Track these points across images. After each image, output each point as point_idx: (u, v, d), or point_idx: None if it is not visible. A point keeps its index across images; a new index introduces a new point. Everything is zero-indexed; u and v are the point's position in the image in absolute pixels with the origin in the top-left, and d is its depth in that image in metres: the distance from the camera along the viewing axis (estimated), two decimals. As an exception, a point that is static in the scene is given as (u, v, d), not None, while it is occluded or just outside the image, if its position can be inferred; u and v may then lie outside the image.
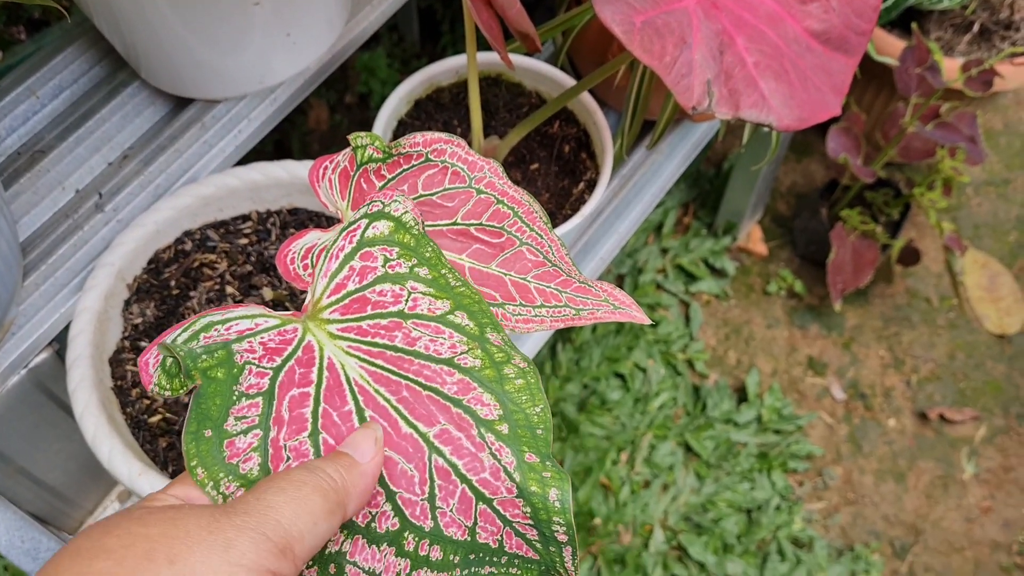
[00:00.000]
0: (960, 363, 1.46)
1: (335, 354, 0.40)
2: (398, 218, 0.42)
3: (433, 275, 0.41)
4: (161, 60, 0.73)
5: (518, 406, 0.39)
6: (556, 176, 0.84)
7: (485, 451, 0.39)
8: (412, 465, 0.39)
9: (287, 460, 0.37)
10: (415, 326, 0.40)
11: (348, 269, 0.41)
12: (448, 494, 0.39)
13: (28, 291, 0.68)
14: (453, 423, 0.39)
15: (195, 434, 0.37)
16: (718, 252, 1.52)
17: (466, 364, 0.40)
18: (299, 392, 0.39)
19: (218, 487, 0.36)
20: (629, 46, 0.58)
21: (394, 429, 0.39)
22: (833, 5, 0.70)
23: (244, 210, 0.75)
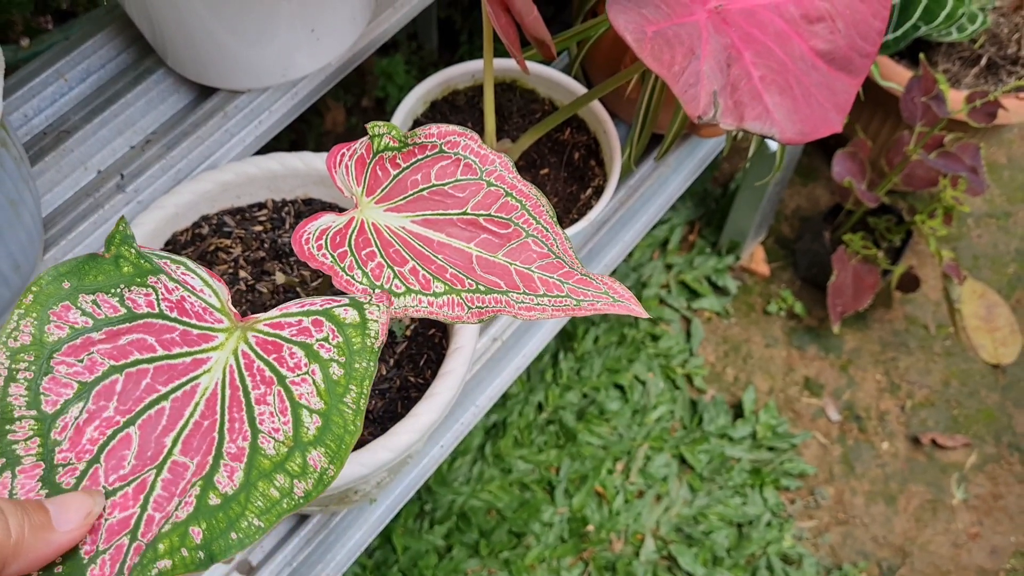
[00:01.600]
0: (954, 390, 1.48)
1: (218, 360, 0.43)
2: (367, 320, 0.45)
3: (341, 380, 0.43)
4: (188, 49, 0.75)
5: (248, 502, 0.40)
6: (565, 181, 0.86)
7: (179, 498, 0.40)
8: (134, 462, 0.40)
9: (79, 360, 0.40)
10: (277, 395, 0.42)
11: (297, 320, 0.45)
12: (121, 506, 0.40)
13: (47, 264, 0.70)
14: (196, 467, 0.41)
15: (59, 275, 0.41)
16: (721, 270, 1.54)
17: (262, 445, 0.41)
18: (152, 341, 0.42)
19: (22, 318, 0.39)
20: (640, 54, 0.60)
21: (163, 432, 0.41)
22: (839, 27, 0.73)
23: (261, 198, 0.77)
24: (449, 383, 0.67)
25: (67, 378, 0.40)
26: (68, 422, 0.40)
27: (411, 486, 0.86)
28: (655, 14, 0.64)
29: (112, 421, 0.40)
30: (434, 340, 0.74)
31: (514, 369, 0.89)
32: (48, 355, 0.40)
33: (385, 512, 0.85)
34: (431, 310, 0.50)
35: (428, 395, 0.66)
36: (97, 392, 0.40)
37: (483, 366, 0.89)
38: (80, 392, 0.40)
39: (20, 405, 0.39)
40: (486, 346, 0.89)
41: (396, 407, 0.71)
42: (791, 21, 0.71)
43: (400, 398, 0.71)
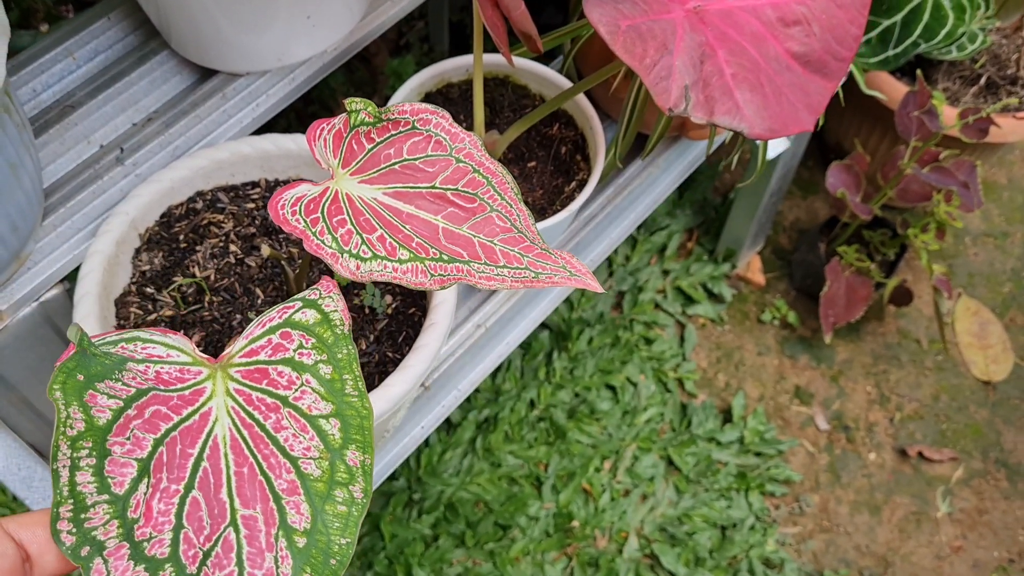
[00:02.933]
0: (944, 405, 1.49)
1: (218, 407, 0.43)
2: (327, 313, 0.46)
3: (333, 376, 0.44)
4: (190, 32, 0.79)
5: (327, 529, 0.41)
6: (551, 175, 0.89)
7: (272, 552, 0.41)
8: (210, 521, 0.41)
9: (127, 438, 0.41)
10: (289, 415, 0.43)
11: (266, 340, 0.45)
12: (219, 566, 0.41)
13: (46, 230, 0.74)
14: (265, 514, 0.42)
15: (70, 370, 0.40)
16: (717, 278, 1.56)
17: (306, 470, 0.42)
18: (165, 410, 0.42)
19: (68, 407, 0.39)
20: (612, 46, 0.63)
21: (215, 489, 0.42)
22: (815, 31, 0.75)
23: (254, 177, 0.80)
24: (422, 356, 0.69)
25: (124, 458, 0.41)
26: (139, 499, 0.41)
27: (391, 464, 0.88)
28: (631, 10, 0.67)
29: (171, 491, 0.41)
30: (414, 319, 0.77)
31: (496, 356, 0.92)
32: (103, 439, 0.40)
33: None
34: (395, 275, 0.53)
35: (401, 367, 0.69)
36: (153, 466, 0.41)
37: (466, 351, 0.92)
38: (141, 469, 0.41)
39: (91, 492, 0.40)
40: (470, 332, 0.92)
41: (374, 380, 0.74)
42: (767, 23, 0.74)
43: (378, 372, 0.74)
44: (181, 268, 0.77)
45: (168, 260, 0.77)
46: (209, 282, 0.76)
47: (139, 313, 0.75)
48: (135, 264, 0.76)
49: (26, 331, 0.74)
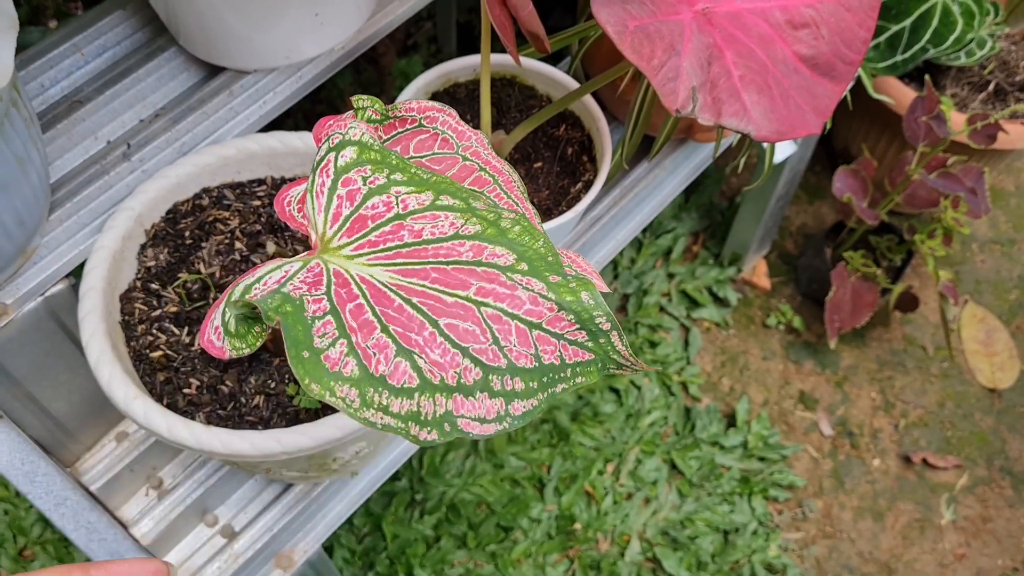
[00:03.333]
0: (949, 412, 1.49)
1: (361, 271, 0.46)
2: (359, 140, 0.48)
3: (407, 176, 0.47)
4: (198, 29, 0.79)
5: (525, 246, 0.46)
6: (557, 175, 0.89)
7: (519, 288, 0.45)
8: (469, 323, 0.44)
9: (375, 355, 0.43)
10: (415, 221, 0.46)
11: (336, 199, 0.47)
12: (506, 333, 0.44)
13: (52, 225, 0.74)
14: (483, 279, 0.45)
15: (297, 358, 0.42)
16: (722, 282, 1.56)
17: (469, 232, 0.46)
18: (354, 305, 0.44)
19: (334, 393, 0.42)
20: (620, 46, 0.63)
21: (440, 303, 0.45)
22: (823, 34, 0.75)
23: (261, 174, 0.80)
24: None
25: (390, 365, 0.43)
26: (429, 370, 0.44)
27: (394, 463, 0.88)
28: (640, 11, 0.67)
29: (428, 337, 0.44)
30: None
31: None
32: (369, 376, 0.43)
33: (367, 487, 0.87)
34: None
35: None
36: (405, 343, 0.44)
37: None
38: (405, 354, 0.44)
39: (410, 405, 0.43)
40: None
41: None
42: (776, 25, 0.74)
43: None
44: (186, 264, 0.77)
45: (173, 256, 0.77)
46: (214, 279, 0.76)
47: (144, 309, 0.75)
48: (140, 260, 0.76)
49: (31, 325, 0.74)
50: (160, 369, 0.73)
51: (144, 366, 0.73)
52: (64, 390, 0.82)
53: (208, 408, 0.72)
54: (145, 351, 0.73)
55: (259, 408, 0.72)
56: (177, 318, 0.75)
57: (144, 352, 0.73)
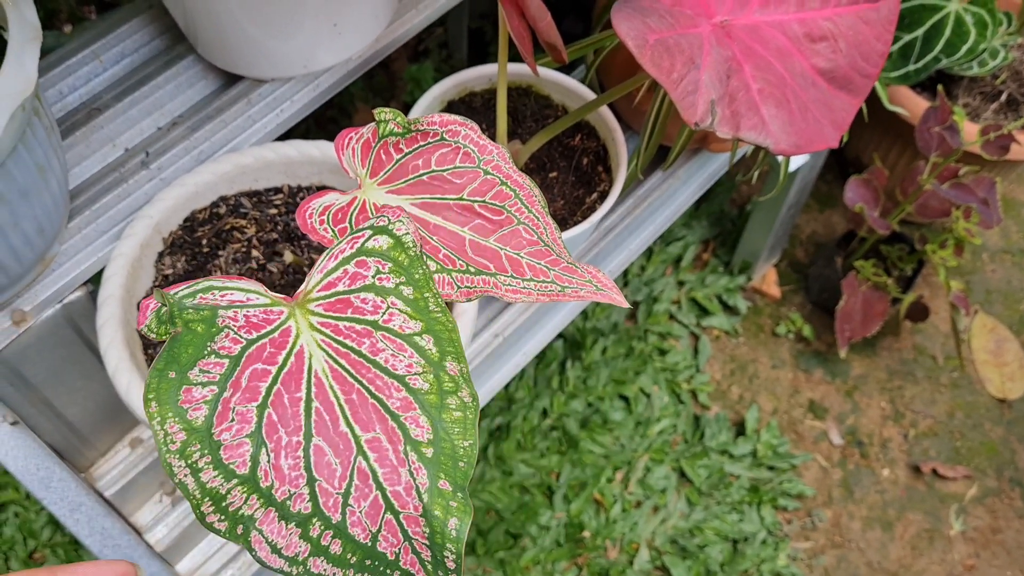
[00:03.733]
0: (958, 422, 1.49)
1: (308, 343, 0.44)
2: (399, 237, 0.46)
3: (416, 296, 0.45)
4: (217, 38, 0.79)
5: (449, 435, 0.43)
6: (572, 185, 0.89)
7: (405, 467, 0.42)
8: (338, 460, 0.42)
9: (230, 421, 0.41)
10: (383, 338, 0.44)
11: (342, 271, 0.45)
12: (362, 496, 0.42)
13: (71, 232, 0.74)
14: (386, 434, 0.42)
15: (160, 372, 0.40)
16: (732, 290, 1.56)
17: (415, 385, 0.43)
18: (262, 367, 0.42)
19: (163, 424, 0.40)
20: (640, 60, 0.63)
21: (333, 425, 0.42)
22: (841, 47, 0.75)
23: (277, 183, 0.81)
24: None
25: (235, 440, 0.41)
26: (265, 468, 0.41)
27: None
28: (659, 24, 0.67)
29: (294, 444, 0.42)
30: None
31: (514, 366, 0.92)
32: (208, 436, 0.41)
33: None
34: (422, 286, 0.53)
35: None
36: (266, 433, 0.42)
37: (484, 360, 0.92)
38: (256, 442, 0.42)
39: (220, 484, 0.41)
40: (487, 341, 0.92)
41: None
42: (794, 39, 0.74)
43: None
44: (204, 272, 0.77)
45: (191, 264, 0.77)
46: (231, 287, 0.76)
47: (161, 317, 0.75)
48: (158, 268, 0.76)
49: (49, 332, 0.74)
50: (177, 377, 0.73)
51: (161, 374, 0.73)
52: (79, 396, 0.82)
53: (224, 416, 0.72)
54: (162, 359, 0.73)
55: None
56: (194, 326, 0.75)
57: (161, 360, 0.73)
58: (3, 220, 0.63)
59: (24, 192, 0.64)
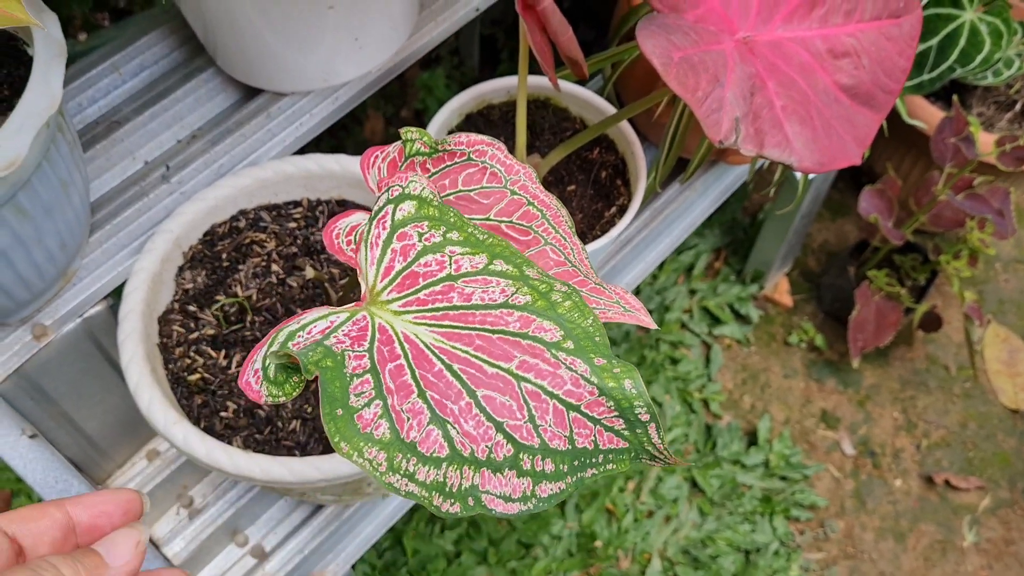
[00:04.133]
0: (971, 432, 1.48)
1: (406, 328, 0.45)
2: (419, 195, 0.48)
3: (463, 236, 0.46)
4: (237, 51, 0.79)
5: (574, 323, 0.45)
6: (591, 199, 0.89)
7: (562, 367, 0.44)
8: (507, 397, 0.44)
9: (407, 420, 0.42)
10: (466, 284, 0.45)
11: (391, 252, 0.46)
12: (543, 412, 0.44)
13: (92, 247, 0.74)
14: (527, 353, 0.44)
15: (331, 415, 0.42)
16: (744, 299, 1.56)
17: (519, 302, 0.45)
18: (394, 365, 0.44)
19: (362, 455, 0.41)
20: (665, 78, 0.63)
21: (481, 372, 0.44)
22: (864, 63, 0.75)
23: (296, 196, 0.81)
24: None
25: (423, 432, 0.43)
26: (460, 441, 0.43)
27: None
28: (683, 41, 0.66)
29: (465, 407, 0.44)
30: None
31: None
32: (400, 441, 0.42)
33: (396, 508, 0.87)
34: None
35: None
36: (441, 412, 0.43)
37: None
38: (439, 424, 0.43)
39: (435, 474, 0.42)
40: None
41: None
42: (817, 55, 0.74)
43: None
44: (223, 287, 0.77)
45: (211, 279, 0.77)
46: (251, 302, 0.76)
47: (181, 331, 0.75)
48: (178, 282, 0.76)
49: (69, 346, 0.74)
50: (197, 392, 0.73)
51: (182, 389, 0.73)
52: (98, 409, 0.82)
53: (245, 432, 0.72)
54: (183, 374, 0.73)
55: (296, 432, 0.72)
56: (214, 341, 0.75)
57: (182, 375, 0.73)
58: (27, 236, 0.63)
59: (48, 208, 0.64)
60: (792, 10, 0.74)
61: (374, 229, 0.47)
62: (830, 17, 0.75)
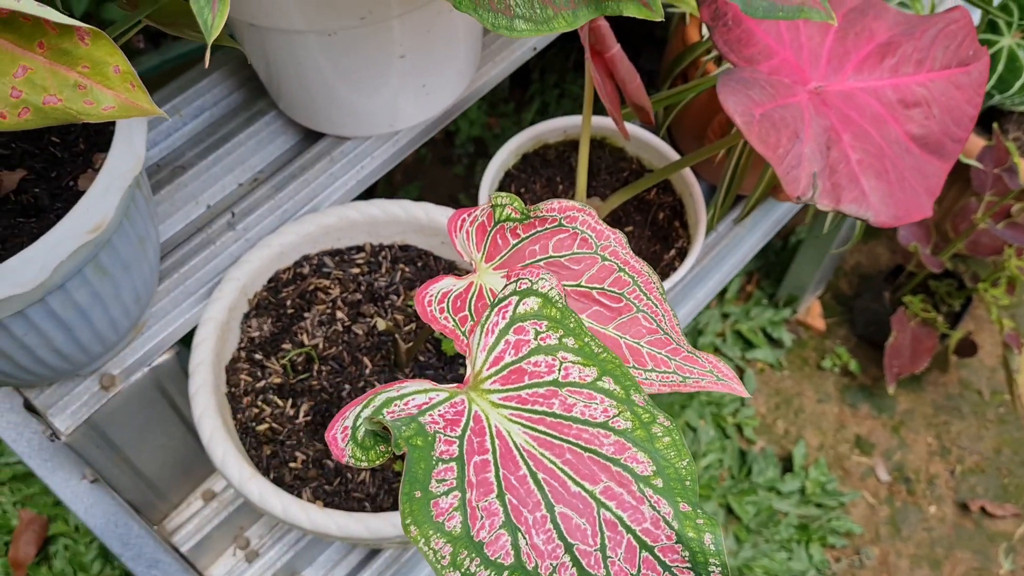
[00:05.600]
0: (1006, 459, 1.48)
1: (500, 422, 0.44)
2: (545, 294, 0.47)
3: (579, 344, 0.46)
4: (301, 96, 0.79)
5: (668, 461, 0.44)
6: (649, 240, 0.89)
7: (645, 504, 0.43)
8: (584, 520, 0.43)
9: (480, 519, 0.42)
10: (570, 393, 0.45)
11: (504, 343, 0.46)
12: (616, 544, 0.43)
13: (160, 295, 0.74)
14: (614, 480, 0.43)
15: (409, 495, 0.41)
16: (777, 323, 1.55)
17: (619, 427, 0.44)
18: (480, 459, 0.43)
19: (428, 543, 0.41)
20: (748, 136, 0.62)
21: (563, 488, 0.43)
22: (934, 112, 0.75)
23: (359, 241, 0.80)
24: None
25: (493, 534, 0.42)
26: (527, 552, 0.42)
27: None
28: (760, 95, 0.66)
29: (540, 519, 0.43)
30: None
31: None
32: (468, 538, 0.42)
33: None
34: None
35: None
36: (515, 518, 0.43)
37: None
38: (510, 530, 0.42)
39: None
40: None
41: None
42: (888, 105, 0.73)
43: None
44: (289, 334, 0.76)
45: (276, 326, 0.76)
46: (317, 350, 0.76)
47: (249, 380, 0.75)
48: (243, 329, 0.76)
49: (135, 395, 0.74)
50: (266, 442, 0.73)
51: (250, 439, 0.73)
52: (159, 453, 0.82)
53: (314, 483, 0.72)
54: (251, 424, 0.73)
55: (365, 484, 0.72)
56: (281, 389, 0.74)
57: (250, 425, 0.73)
58: (106, 294, 0.63)
59: (126, 265, 0.63)
60: (862, 59, 0.74)
61: (493, 316, 0.46)
62: (901, 67, 0.74)
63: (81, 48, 0.45)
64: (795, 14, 0.60)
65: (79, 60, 0.45)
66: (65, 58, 0.45)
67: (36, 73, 0.45)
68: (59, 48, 0.45)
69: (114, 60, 0.45)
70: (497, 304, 0.47)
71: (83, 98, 0.46)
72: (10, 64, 0.45)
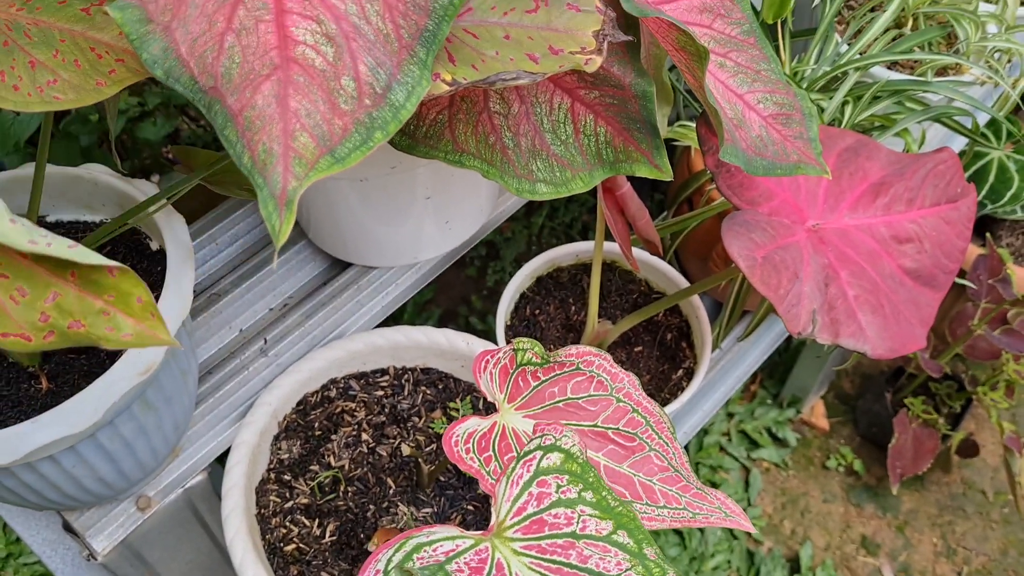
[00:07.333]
0: (1012, 560, 1.50)
1: (521, 570, 0.48)
2: (567, 450, 0.51)
3: (597, 498, 0.50)
4: (331, 229, 0.84)
5: None
6: (657, 360, 0.93)
7: None
8: None
9: None
10: (586, 545, 0.48)
11: (527, 495, 0.50)
12: None
13: (195, 420, 0.78)
14: None
15: None
16: (781, 423, 1.59)
17: None
18: None
19: None
20: (751, 279, 0.67)
21: None
22: (926, 247, 0.79)
23: (384, 365, 0.85)
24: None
25: None
26: None
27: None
28: (762, 237, 0.71)
29: None
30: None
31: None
32: None
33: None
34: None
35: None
36: None
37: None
38: None
39: None
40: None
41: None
42: (882, 241, 0.78)
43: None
44: (317, 456, 0.80)
45: (304, 448, 0.80)
46: (344, 472, 0.79)
47: (277, 501, 0.78)
48: (273, 451, 0.80)
49: (169, 516, 0.78)
50: (293, 562, 0.76)
51: (278, 559, 0.76)
52: (187, 568, 0.85)
53: (340, 603, 0.74)
54: (279, 544, 0.76)
55: (389, 604, 0.75)
56: (308, 510, 0.78)
57: (278, 545, 0.76)
58: (149, 426, 0.67)
59: (168, 398, 0.67)
60: (857, 199, 0.79)
61: (519, 468, 0.50)
62: (893, 205, 0.80)
63: (109, 279, 0.48)
64: (792, 171, 0.65)
65: (106, 290, 0.48)
66: (94, 287, 0.48)
67: (65, 299, 0.48)
68: (89, 279, 0.48)
69: (137, 291, 0.48)
70: (523, 457, 0.50)
71: (105, 324, 0.48)
72: (43, 290, 0.48)
